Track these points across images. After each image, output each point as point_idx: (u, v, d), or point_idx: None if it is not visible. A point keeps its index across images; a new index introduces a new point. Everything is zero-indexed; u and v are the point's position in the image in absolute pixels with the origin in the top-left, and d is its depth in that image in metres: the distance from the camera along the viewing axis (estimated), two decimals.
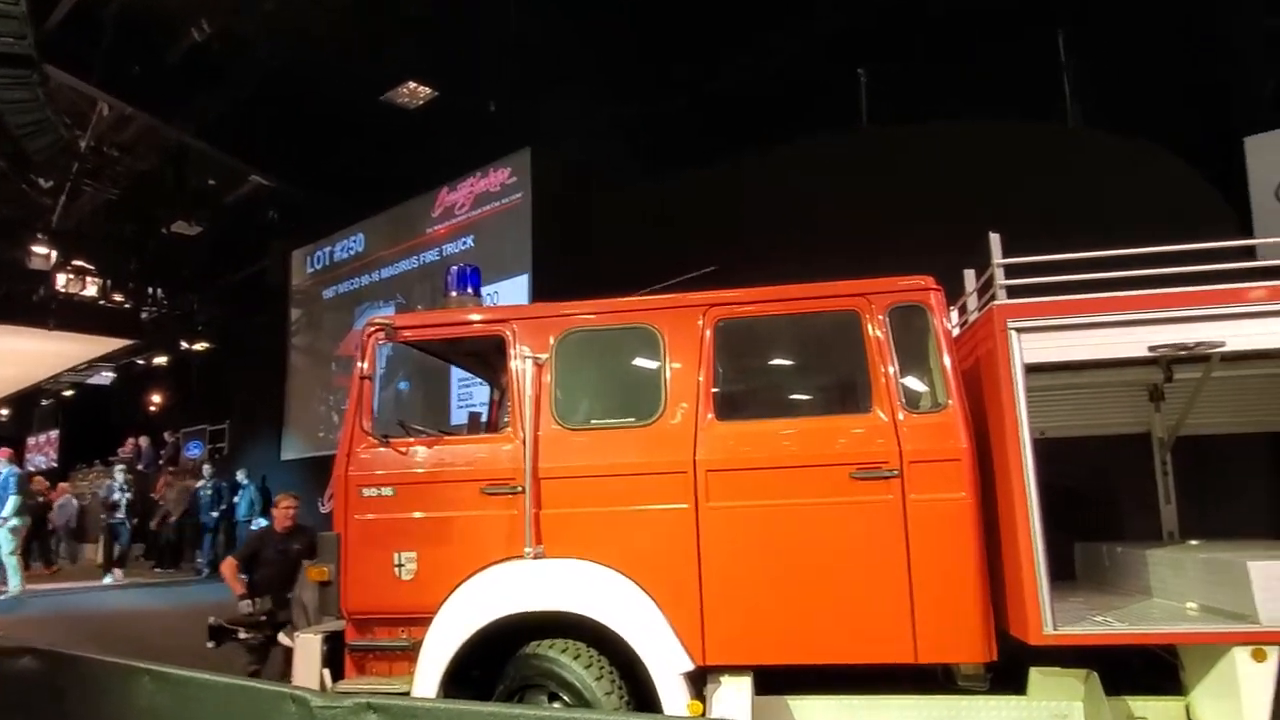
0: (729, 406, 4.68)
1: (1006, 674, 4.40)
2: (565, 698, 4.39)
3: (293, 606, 6.64)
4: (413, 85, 14.18)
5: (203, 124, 14.96)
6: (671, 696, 4.29)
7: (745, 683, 4.39)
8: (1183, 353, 4.37)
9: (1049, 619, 4.11)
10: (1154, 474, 6.02)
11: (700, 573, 4.41)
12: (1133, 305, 4.36)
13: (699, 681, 4.45)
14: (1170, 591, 4.80)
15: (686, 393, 4.63)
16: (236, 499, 17.00)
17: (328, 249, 17.83)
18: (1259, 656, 3.97)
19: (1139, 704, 4.40)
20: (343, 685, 4.65)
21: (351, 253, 17.23)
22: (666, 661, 4.34)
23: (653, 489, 4.53)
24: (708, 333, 4.71)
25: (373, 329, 4.97)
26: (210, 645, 6.55)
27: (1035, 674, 4.38)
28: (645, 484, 4.54)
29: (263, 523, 7.70)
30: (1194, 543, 5.43)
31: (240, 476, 17.29)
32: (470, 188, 14.59)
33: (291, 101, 14.41)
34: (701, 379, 4.64)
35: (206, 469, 18.23)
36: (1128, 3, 10.22)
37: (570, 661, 4.41)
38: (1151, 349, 4.34)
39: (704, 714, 4.30)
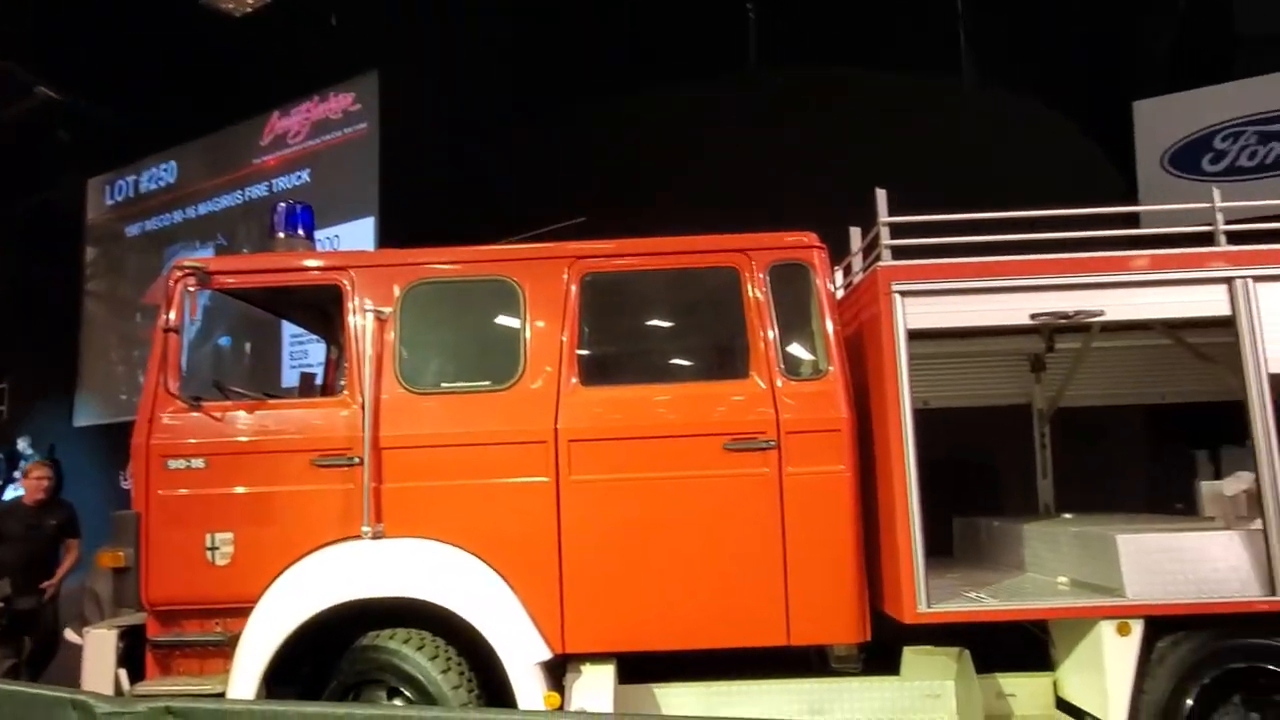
0: (595, 370, 4.69)
1: (880, 653, 4.67)
2: (407, 693, 4.35)
3: (84, 598, 6.31)
4: None
5: None
6: (527, 688, 4.32)
7: (608, 671, 4.48)
8: (1063, 321, 4.68)
9: (923, 597, 4.38)
10: (1033, 447, 6.48)
11: (560, 553, 4.44)
12: (1016, 270, 4.64)
13: (558, 671, 4.49)
14: (1044, 566, 5.20)
15: (548, 354, 4.61)
16: (16, 473, 15.83)
17: (132, 178, 16.63)
18: (1123, 630, 4.36)
19: (1009, 681, 4.79)
20: (142, 687, 4.43)
21: (161, 184, 16.14)
22: (521, 651, 4.36)
23: (509, 460, 4.51)
24: (573, 288, 4.68)
25: (181, 273, 4.68)
26: None
27: (909, 653, 4.67)
28: (500, 455, 4.52)
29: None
30: (1068, 517, 5.88)
31: (22, 445, 16.12)
32: (306, 113, 13.90)
33: None
34: (565, 339, 4.62)
35: None
36: None
37: (413, 653, 4.37)
38: (1033, 316, 4.64)
39: (562, 706, 4.36)
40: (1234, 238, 4.71)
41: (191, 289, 4.68)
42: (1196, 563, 4.39)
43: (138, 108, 15.64)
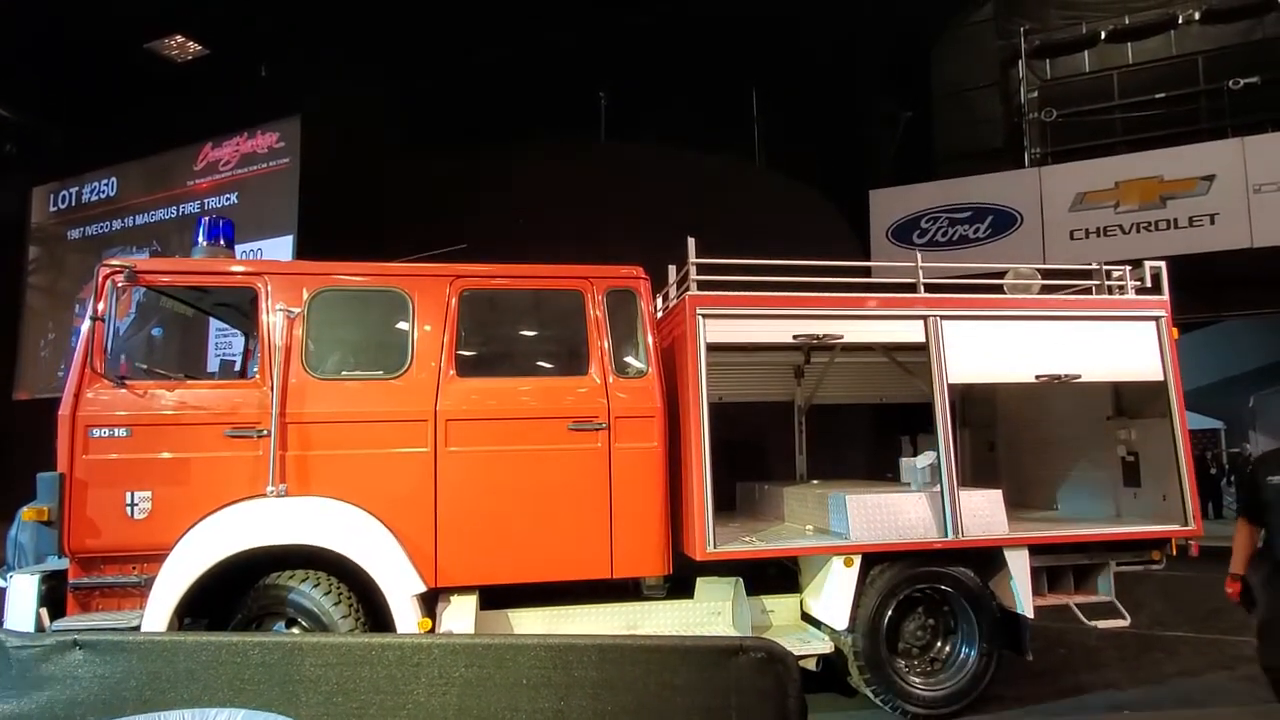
0: (469, 365, 4.53)
1: (679, 583, 4.74)
2: (304, 623, 4.06)
3: (7, 547, 5.50)
4: (181, 39, 12.11)
5: None
6: (405, 616, 4.12)
7: (471, 600, 4.34)
8: (815, 341, 4.90)
9: (711, 541, 4.47)
10: (794, 431, 6.77)
11: (436, 508, 4.27)
12: (785, 303, 4.83)
13: (431, 602, 4.31)
14: (797, 518, 5.42)
15: (432, 351, 4.43)
16: None
17: (74, 189, 14.78)
18: (849, 563, 4.61)
19: (770, 600, 4.98)
20: (61, 623, 3.91)
21: (102, 195, 14.42)
22: (400, 585, 4.15)
23: (396, 434, 4.29)
24: (453, 300, 4.52)
25: (109, 270, 4.19)
26: None
27: (700, 582, 4.76)
28: (390, 430, 4.30)
29: None
30: (815, 482, 6.17)
31: None
32: (236, 146, 12.80)
33: (41, 28, 11.67)
34: (446, 340, 4.45)
35: None
36: (801, 81, 11.43)
37: (310, 590, 4.08)
38: (795, 337, 4.83)
39: (432, 629, 4.18)
40: (929, 288, 5.05)
41: (119, 284, 4.19)
42: (898, 515, 4.67)
43: (83, 128, 13.97)
